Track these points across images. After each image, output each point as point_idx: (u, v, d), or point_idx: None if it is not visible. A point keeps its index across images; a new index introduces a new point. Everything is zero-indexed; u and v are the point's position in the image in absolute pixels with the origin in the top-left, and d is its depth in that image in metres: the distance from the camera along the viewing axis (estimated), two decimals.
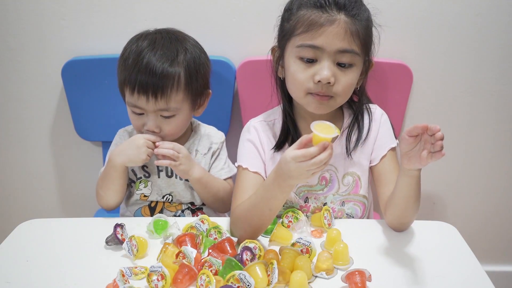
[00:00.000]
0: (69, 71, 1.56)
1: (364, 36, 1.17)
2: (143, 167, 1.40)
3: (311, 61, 1.17)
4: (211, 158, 1.43)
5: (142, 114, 1.31)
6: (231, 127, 1.63)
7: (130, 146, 1.29)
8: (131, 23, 1.55)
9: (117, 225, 1.15)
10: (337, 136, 1.00)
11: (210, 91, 1.39)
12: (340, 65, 1.16)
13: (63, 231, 1.23)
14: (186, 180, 1.39)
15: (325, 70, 1.14)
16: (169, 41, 1.30)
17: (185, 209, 1.42)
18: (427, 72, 1.60)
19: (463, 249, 1.15)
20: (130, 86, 1.28)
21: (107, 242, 1.15)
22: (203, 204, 1.44)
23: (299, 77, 1.17)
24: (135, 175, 1.40)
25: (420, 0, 1.52)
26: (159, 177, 1.40)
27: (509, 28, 1.55)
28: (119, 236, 1.14)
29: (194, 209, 1.44)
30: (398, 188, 1.14)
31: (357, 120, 1.30)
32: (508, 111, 1.66)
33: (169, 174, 1.40)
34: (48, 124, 1.70)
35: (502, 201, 1.80)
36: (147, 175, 1.40)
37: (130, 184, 1.41)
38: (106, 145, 1.64)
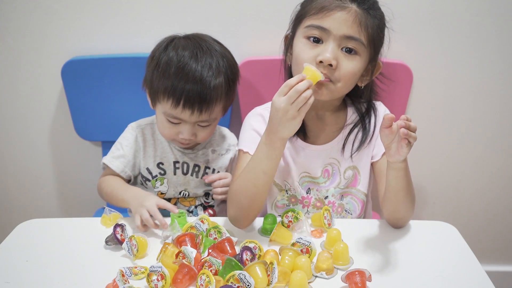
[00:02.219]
0: (69, 71, 1.56)
1: (373, 32, 1.18)
2: (159, 164, 1.40)
3: (316, 41, 1.18)
4: (232, 159, 1.47)
5: (179, 123, 1.31)
6: (231, 127, 1.63)
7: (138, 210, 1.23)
8: (131, 23, 1.55)
9: (117, 225, 1.15)
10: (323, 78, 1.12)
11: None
12: (345, 50, 1.17)
13: (63, 231, 1.22)
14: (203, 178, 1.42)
15: (328, 52, 1.15)
16: (209, 50, 1.30)
17: (198, 205, 1.43)
18: (427, 72, 1.60)
19: (463, 249, 1.15)
20: (174, 98, 1.26)
21: (106, 242, 1.15)
22: (212, 198, 1.46)
23: (303, 57, 1.19)
24: (150, 173, 1.40)
25: (420, 0, 1.52)
26: (175, 174, 1.41)
27: (509, 28, 1.55)
28: (118, 236, 1.14)
29: (206, 206, 1.45)
30: (387, 182, 1.16)
31: (363, 121, 1.30)
32: (508, 111, 1.66)
33: (185, 171, 1.41)
34: (48, 124, 1.70)
35: (502, 201, 1.80)
36: (162, 172, 1.41)
37: (145, 182, 1.41)
38: (106, 145, 1.64)
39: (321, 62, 1.15)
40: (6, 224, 1.50)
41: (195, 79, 1.25)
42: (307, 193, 1.32)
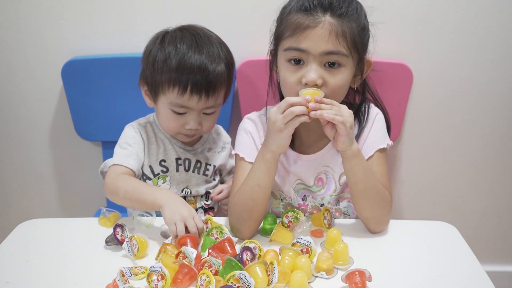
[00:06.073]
0: (69, 71, 1.56)
1: (353, 36, 1.15)
2: (161, 162, 1.39)
3: (298, 63, 1.17)
4: (228, 157, 1.49)
5: (185, 113, 1.31)
6: (231, 127, 1.63)
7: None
8: (131, 23, 1.55)
9: (117, 226, 1.15)
10: (323, 95, 1.10)
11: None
12: (328, 65, 1.16)
13: (63, 231, 1.23)
14: (204, 174, 1.43)
15: (311, 72, 1.14)
16: (207, 39, 1.32)
17: (199, 207, 1.43)
18: (427, 72, 1.60)
19: (463, 249, 1.15)
20: (180, 85, 1.27)
21: (107, 242, 1.15)
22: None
23: (289, 81, 1.18)
24: (152, 171, 1.39)
25: (420, 0, 1.52)
26: (177, 171, 1.40)
27: (509, 28, 1.55)
28: (118, 236, 1.14)
29: (207, 208, 1.45)
30: (346, 177, 1.19)
31: (359, 123, 1.29)
32: (508, 111, 1.66)
33: (187, 168, 1.41)
34: (48, 124, 1.70)
35: (502, 201, 1.80)
36: (165, 170, 1.39)
37: (145, 180, 1.38)
38: (106, 145, 1.64)
39: (307, 84, 1.15)
40: (6, 224, 1.50)
41: (199, 68, 1.27)
42: (303, 200, 1.31)
